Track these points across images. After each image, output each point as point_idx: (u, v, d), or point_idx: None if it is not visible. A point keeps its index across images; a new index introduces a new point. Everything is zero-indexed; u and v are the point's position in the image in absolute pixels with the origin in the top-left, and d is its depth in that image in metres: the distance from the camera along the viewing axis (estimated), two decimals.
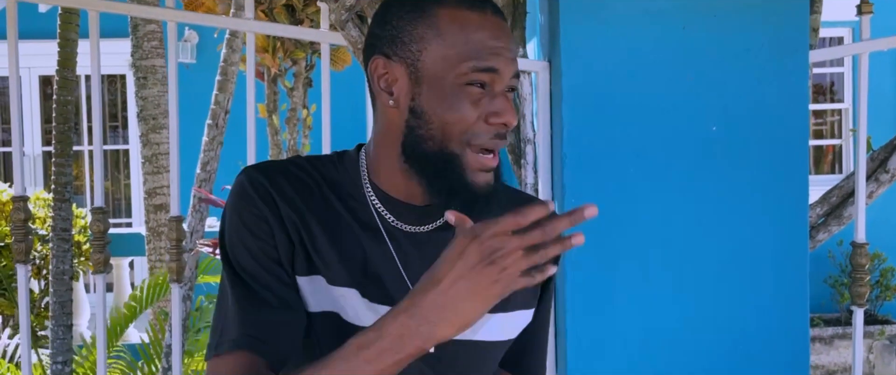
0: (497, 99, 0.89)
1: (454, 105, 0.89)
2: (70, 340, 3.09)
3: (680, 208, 1.58)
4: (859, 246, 1.72)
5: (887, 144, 1.78)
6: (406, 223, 0.96)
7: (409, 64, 0.91)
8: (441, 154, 0.90)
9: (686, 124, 1.58)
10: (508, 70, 0.90)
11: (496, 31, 0.90)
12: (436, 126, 0.90)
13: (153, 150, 4.52)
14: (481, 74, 0.88)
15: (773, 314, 1.60)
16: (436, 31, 0.89)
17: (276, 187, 0.93)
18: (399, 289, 0.93)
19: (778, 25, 1.56)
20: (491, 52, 0.89)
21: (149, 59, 4.51)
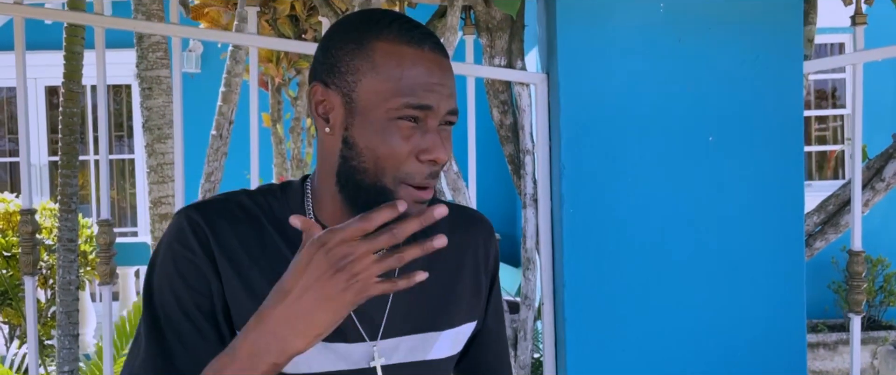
0: (429, 134, 0.88)
1: (385, 139, 0.88)
2: (76, 350, 3.11)
3: (677, 216, 1.60)
4: (856, 254, 1.74)
5: (883, 153, 1.79)
6: None
7: (345, 93, 0.90)
8: (374, 187, 0.89)
9: (682, 134, 1.60)
10: (443, 106, 0.89)
11: (432, 67, 0.89)
12: (368, 158, 0.89)
13: (158, 160, 4.54)
14: (414, 110, 0.87)
15: (771, 320, 1.62)
16: (371, 64, 0.88)
17: (215, 233, 0.92)
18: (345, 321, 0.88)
19: (772, 37, 1.59)
20: (424, 88, 0.88)
21: (154, 70, 4.54)
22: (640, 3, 1.58)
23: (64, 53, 3.04)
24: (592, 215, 1.60)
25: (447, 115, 0.90)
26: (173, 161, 4.73)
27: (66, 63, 3.05)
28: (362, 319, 0.96)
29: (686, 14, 1.58)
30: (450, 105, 0.90)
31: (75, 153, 3.05)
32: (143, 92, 4.60)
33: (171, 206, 4.58)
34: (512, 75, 1.69)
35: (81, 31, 3.08)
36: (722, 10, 1.59)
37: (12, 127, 7.13)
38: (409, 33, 0.90)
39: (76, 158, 3.06)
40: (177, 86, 1.66)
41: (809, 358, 5.47)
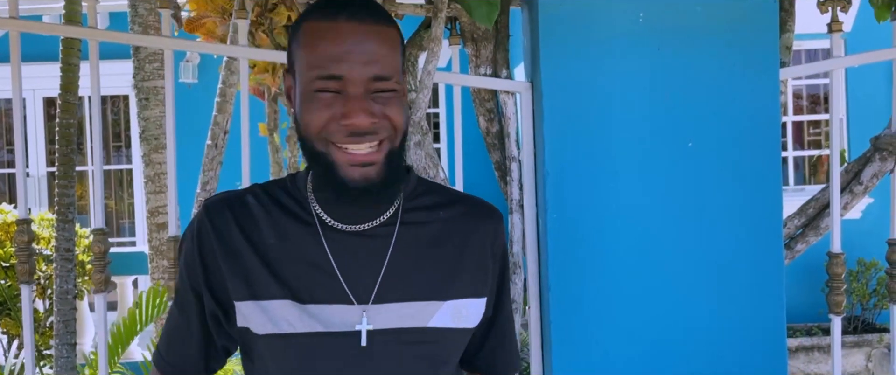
0: (349, 101, 0.94)
1: (309, 109, 0.96)
2: (74, 358, 3.14)
3: (658, 221, 1.64)
4: (835, 256, 1.78)
5: (860, 157, 1.83)
6: (346, 223, 1.03)
7: (294, 76, 1.01)
8: (313, 153, 0.99)
9: (662, 140, 1.64)
10: (357, 73, 0.94)
11: (344, 37, 0.94)
12: (304, 129, 0.98)
13: (155, 170, 4.59)
14: (325, 81, 0.94)
15: (751, 323, 1.65)
16: (298, 43, 0.99)
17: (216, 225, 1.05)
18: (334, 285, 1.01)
19: (749, 45, 1.62)
20: (334, 59, 0.94)
21: (151, 81, 4.59)
22: (620, 14, 1.62)
23: (60, 65, 3.09)
24: (576, 220, 1.64)
25: (372, 82, 0.95)
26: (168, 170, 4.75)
27: (62, 75, 3.09)
28: (352, 283, 1.02)
29: (665, 23, 1.62)
30: (369, 71, 0.95)
31: (72, 163, 3.09)
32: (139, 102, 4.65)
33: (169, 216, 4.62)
34: (497, 84, 1.73)
35: (78, 44, 3.12)
36: (700, 20, 1.63)
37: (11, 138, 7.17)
38: (326, 9, 0.97)
39: (73, 169, 3.10)
40: (169, 98, 1.70)
41: (804, 361, 5.49)
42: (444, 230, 1.08)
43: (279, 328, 1.01)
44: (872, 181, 1.77)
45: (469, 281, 1.08)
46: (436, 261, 1.07)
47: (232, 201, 1.07)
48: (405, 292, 1.03)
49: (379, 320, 1.02)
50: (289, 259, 1.03)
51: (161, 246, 4.61)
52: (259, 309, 1.02)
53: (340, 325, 1.01)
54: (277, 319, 1.01)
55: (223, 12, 4.67)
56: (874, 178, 1.77)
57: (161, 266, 4.63)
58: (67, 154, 3.06)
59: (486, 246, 1.11)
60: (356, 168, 0.96)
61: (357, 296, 1.02)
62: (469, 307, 1.08)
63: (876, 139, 1.79)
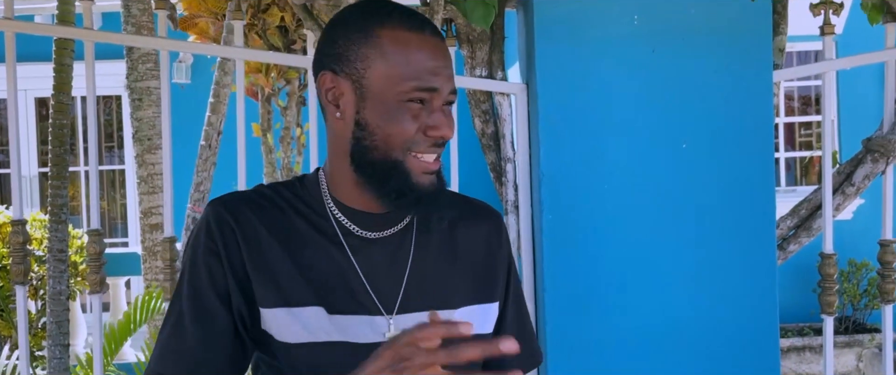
0: (435, 113, 0.96)
1: (396, 119, 0.96)
2: (67, 360, 3.13)
3: (652, 221, 1.65)
4: (827, 257, 1.79)
5: (852, 158, 1.85)
6: (366, 230, 1.02)
7: (354, 80, 0.97)
8: (386, 161, 0.97)
9: (657, 141, 1.65)
10: (446, 87, 0.97)
11: (435, 52, 0.97)
12: (379, 137, 0.97)
13: (149, 170, 4.57)
14: (422, 93, 0.95)
15: (744, 322, 1.67)
16: (379, 51, 0.96)
17: (241, 223, 0.99)
18: (361, 294, 1.00)
19: (742, 47, 1.64)
20: (431, 72, 0.96)
21: (144, 81, 4.57)
22: (614, 16, 1.63)
23: (54, 65, 3.08)
24: (571, 221, 1.65)
25: (449, 95, 0.99)
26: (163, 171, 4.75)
27: (55, 75, 3.08)
28: (379, 292, 1.02)
29: (659, 25, 1.64)
30: (451, 85, 0.99)
31: (65, 164, 3.08)
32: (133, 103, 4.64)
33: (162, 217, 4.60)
34: (492, 86, 1.74)
35: (71, 44, 3.11)
36: (694, 22, 1.64)
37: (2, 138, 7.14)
38: (409, 20, 0.98)
39: (66, 169, 3.09)
40: (165, 99, 1.70)
41: (796, 362, 5.52)
42: (453, 234, 1.09)
43: (315, 336, 0.98)
44: (864, 182, 1.79)
45: (478, 286, 1.09)
46: (448, 268, 1.07)
47: (249, 200, 1.03)
48: (425, 301, 1.03)
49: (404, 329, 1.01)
50: (315, 265, 1.00)
51: (154, 246, 4.59)
52: (291, 317, 0.98)
53: (370, 336, 1.00)
54: (312, 327, 0.98)
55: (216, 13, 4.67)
56: (866, 180, 1.79)
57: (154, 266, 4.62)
58: (61, 154, 3.04)
59: (492, 249, 1.12)
60: (427, 176, 0.98)
61: (384, 306, 1.02)
62: (481, 312, 1.08)
63: (868, 141, 1.81)
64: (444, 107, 0.98)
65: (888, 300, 1.81)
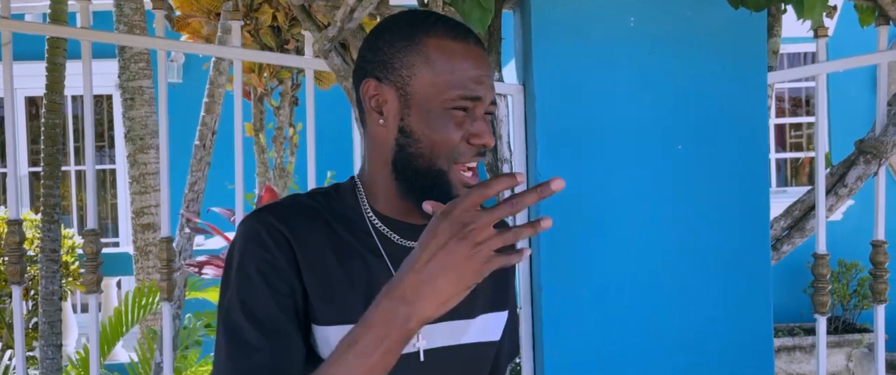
0: (477, 122, 0.97)
1: (441, 126, 0.96)
2: (59, 360, 3.12)
3: (648, 222, 1.66)
4: (820, 257, 1.81)
5: (845, 160, 1.86)
6: (406, 239, 1.02)
7: (399, 87, 0.98)
8: (430, 170, 0.97)
9: (653, 143, 1.66)
10: (488, 96, 0.99)
11: (479, 61, 0.98)
12: (424, 144, 0.97)
13: (140, 170, 4.56)
14: (466, 101, 0.96)
15: (739, 322, 1.68)
16: (424, 58, 0.97)
17: (292, 230, 0.96)
18: None
19: (738, 49, 1.65)
20: (475, 81, 0.97)
21: (136, 80, 4.56)
22: (611, 17, 1.64)
23: (46, 65, 3.07)
24: (567, 221, 1.65)
25: (490, 105, 1.00)
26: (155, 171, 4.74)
27: (48, 74, 3.07)
28: None
29: (656, 27, 1.65)
30: (492, 95, 1.01)
31: (58, 164, 3.07)
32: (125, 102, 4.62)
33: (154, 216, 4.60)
34: None
35: (63, 43, 3.10)
36: (690, 24, 1.65)
37: None
38: (454, 30, 0.99)
39: (59, 169, 3.08)
40: (162, 99, 1.70)
41: (786, 361, 5.56)
42: None
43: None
44: (857, 183, 1.81)
45: (495, 295, 1.10)
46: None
47: (297, 208, 1.00)
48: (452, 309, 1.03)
49: (430, 339, 1.02)
50: (363, 280, 0.98)
51: (146, 246, 4.58)
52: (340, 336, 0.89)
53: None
54: None
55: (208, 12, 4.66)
56: (859, 181, 1.80)
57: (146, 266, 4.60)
58: (53, 154, 3.04)
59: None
60: (465, 188, 0.98)
61: None
62: (494, 320, 1.10)
63: (860, 142, 1.82)
64: (486, 115, 0.99)
65: (880, 300, 1.83)
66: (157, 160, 4.65)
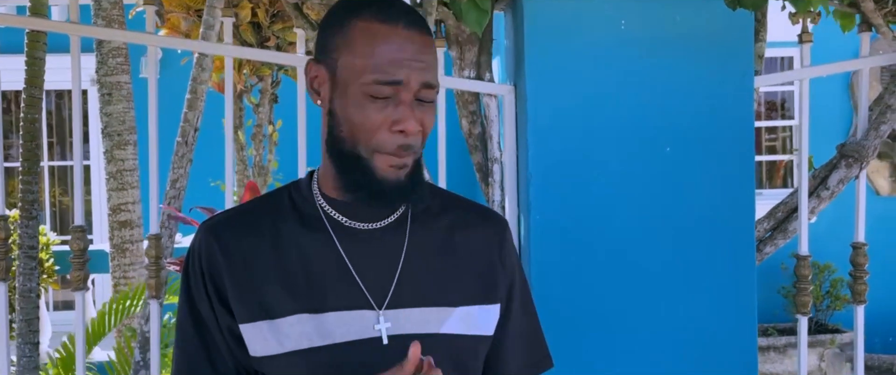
0: (400, 107, 0.95)
1: (359, 110, 0.95)
2: (36, 358, 3.08)
3: (636, 222, 1.69)
4: (802, 259, 1.84)
5: (827, 163, 1.90)
6: (356, 221, 1.03)
7: (329, 69, 0.98)
8: (352, 154, 0.98)
9: (642, 145, 1.68)
10: (415, 80, 0.95)
11: (405, 44, 0.95)
12: (346, 128, 0.97)
13: (118, 166, 4.51)
14: (383, 87, 0.94)
15: (724, 321, 1.71)
16: (348, 41, 0.97)
17: (223, 245, 1.02)
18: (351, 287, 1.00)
19: (725, 56, 1.68)
20: (395, 64, 0.94)
21: (114, 75, 4.51)
22: (603, 20, 1.66)
23: (26, 59, 3.02)
24: (557, 220, 1.67)
25: (421, 90, 0.96)
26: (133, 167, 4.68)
27: (27, 68, 3.02)
28: (370, 285, 1.01)
29: (646, 31, 1.67)
30: (422, 78, 0.96)
31: (36, 159, 3.02)
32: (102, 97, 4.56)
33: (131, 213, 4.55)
34: (481, 87, 1.76)
35: (43, 37, 3.06)
36: (679, 28, 1.68)
37: None
38: (384, 12, 0.97)
39: (37, 165, 3.03)
40: (152, 95, 1.69)
41: (760, 361, 5.64)
42: (451, 235, 1.08)
43: (297, 345, 0.99)
44: (838, 186, 1.84)
45: (478, 287, 1.08)
46: (445, 267, 1.06)
47: (234, 217, 1.05)
48: (418, 297, 1.03)
49: (396, 325, 1.01)
50: (302, 269, 1.01)
51: (123, 244, 4.53)
52: (272, 330, 0.99)
53: (357, 333, 1.00)
54: (293, 336, 0.99)
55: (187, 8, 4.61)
56: (840, 184, 1.84)
57: (122, 264, 4.55)
58: (32, 149, 2.99)
59: (494, 253, 1.11)
60: (393, 169, 0.97)
61: (375, 300, 1.01)
62: (480, 314, 1.07)
63: (842, 146, 1.86)
64: (416, 101, 0.96)
65: (859, 301, 1.87)
66: (135, 156, 4.60)
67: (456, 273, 1.07)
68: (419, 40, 0.97)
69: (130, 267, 4.63)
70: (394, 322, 1.01)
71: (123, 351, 3.27)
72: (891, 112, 1.80)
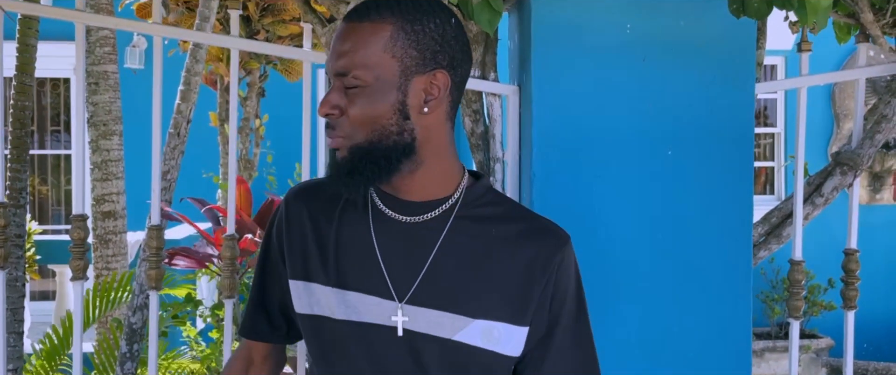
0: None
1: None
2: (21, 348, 3.05)
3: (637, 225, 1.71)
4: (796, 264, 1.87)
5: (822, 170, 1.94)
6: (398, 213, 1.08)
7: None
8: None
9: (644, 148, 1.70)
10: (330, 69, 1.03)
11: (340, 35, 1.03)
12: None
13: (103, 157, 4.46)
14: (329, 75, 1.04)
15: (720, 323, 1.73)
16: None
17: (298, 205, 1.14)
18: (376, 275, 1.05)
19: (728, 62, 1.70)
20: (330, 54, 1.04)
21: (101, 65, 4.46)
22: (609, 24, 1.67)
23: (17, 46, 2.99)
24: (559, 221, 1.68)
25: (336, 76, 1.03)
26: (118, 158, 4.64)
27: (19, 55, 2.99)
28: (394, 276, 1.05)
29: (650, 35, 1.69)
30: (333, 66, 1.03)
31: (26, 147, 2.99)
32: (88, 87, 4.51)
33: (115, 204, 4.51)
34: (486, 86, 1.77)
35: (35, 24, 3.03)
36: (683, 33, 1.70)
37: None
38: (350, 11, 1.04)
39: (27, 152, 3.00)
40: (157, 86, 1.68)
41: None
42: (492, 246, 1.06)
43: (320, 309, 1.08)
44: (833, 194, 1.88)
45: (505, 304, 1.05)
46: (475, 276, 1.05)
47: (310, 188, 1.16)
48: (437, 299, 1.04)
49: (413, 320, 1.03)
50: (342, 246, 1.08)
51: (106, 234, 4.49)
52: (306, 290, 1.09)
53: (377, 317, 1.03)
54: (321, 303, 1.07)
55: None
56: (834, 191, 1.88)
57: (105, 255, 4.50)
58: (21, 137, 2.96)
59: (535, 273, 1.07)
60: (331, 149, 1.05)
61: (397, 290, 1.04)
62: (502, 331, 1.05)
63: (837, 155, 1.90)
64: (345, 89, 1.02)
65: (850, 306, 1.91)
66: (121, 147, 4.56)
67: (486, 284, 1.05)
68: (345, 30, 1.03)
69: (113, 259, 4.59)
70: (412, 317, 1.03)
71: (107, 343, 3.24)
72: (886, 122, 1.83)
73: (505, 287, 1.06)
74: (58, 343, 3.21)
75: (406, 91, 1.01)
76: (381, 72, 1.00)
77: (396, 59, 1.01)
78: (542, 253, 1.09)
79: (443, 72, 1.04)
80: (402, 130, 1.02)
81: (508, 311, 1.06)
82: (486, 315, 1.05)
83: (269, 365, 1.24)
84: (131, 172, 4.72)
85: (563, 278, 1.10)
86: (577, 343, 1.12)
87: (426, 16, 1.03)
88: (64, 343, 3.15)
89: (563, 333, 1.10)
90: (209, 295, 4.85)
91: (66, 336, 3.11)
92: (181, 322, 3.25)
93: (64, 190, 7.24)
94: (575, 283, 1.13)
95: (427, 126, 1.04)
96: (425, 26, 1.02)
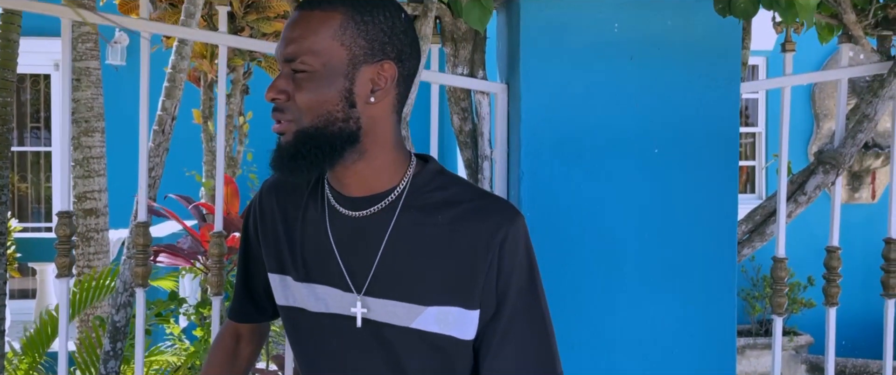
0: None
1: None
2: (2, 346, 3.01)
3: (624, 222, 1.72)
4: (779, 261, 1.90)
5: (805, 169, 1.96)
6: (343, 207, 1.10)
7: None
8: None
9: (631, 146, 1.72)
10: (278, 54, 1.05)
11: (290, 24, 1.04)
12: None
13: (85, 154, 4.42)
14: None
15: (705, 321, 1.76)
16: None
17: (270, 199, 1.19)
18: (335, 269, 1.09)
19: (714, 61, 1.72)
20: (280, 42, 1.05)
21: (83, 61, 4.42)
22: (596, 22, 1.69)
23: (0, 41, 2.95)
24: (547, 218, 1.70)
25: (284, 63, 1.05)
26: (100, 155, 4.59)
27: (1, 50, 2.96)
28: (351, 271, 1.09)
29: (637, 34, 1.70)
30: (281, 52, 1.05)
31: (7, 144, 2.95)
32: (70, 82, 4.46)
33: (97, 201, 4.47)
34: (474, 84, 1.77)
35: (18, 19, 2.99)
36: (670, 33, 1.71)
37: None
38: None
39: (8, 150, 2.97)
40: (144, 82, 1.67)
41: None
42: (439, 231, 1.06)
43: (295, 302, 1.14)
44: (815, 192, 1.90)
45: (455, 288, 1.05)
46: (425, 263, 1.06)
47: (281, 183, 1.19)
48: (391, 290, 1.06)
49: (372, 310, 1.08)
50: (306, 242, 1.13)
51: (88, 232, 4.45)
52: (282, 283, 1.15)
53: (338, 308, 1.09)
54: (291, 294, 1.14)
55: None
56: (817, 190, 1.90)
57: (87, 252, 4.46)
58: (3, 133, 2.92)
59: (478, 253, 1.05)
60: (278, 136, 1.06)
61: (355, 283, 1.08)
62: (456, 316, 1.05)
63: (820, 153, 1.92)
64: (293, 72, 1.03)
65: (832, 303, 1.93)
66: (103, 143, 4.52)
67: (436, 271, 1.05)
68: (296, 18, 1.05)
69: (95, 256, 4.55)
70: (371, 308, 1.07)
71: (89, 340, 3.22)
72: (867, 121, 1.86)
73: (453, 271, 1.06)
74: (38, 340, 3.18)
75: (353, 79, 1.03)
76: (329, 59, 1.02)
77: (345, 48, 1.02)
78: (484, 232, 1.06)
79: (390, 64, 1.05)
80: (347, 118, 1.03)
81: (459, 295, 1.06)
82: (438, 302, 1.05)
83: (256, 337, 1.33)
84: (113, 169, 4.68)
85: (508, 256, 1.06)
86: (529, 321, 1.09)
87: (376, 8, 1.05)
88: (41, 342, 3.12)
89: (512, 312, 1.07)
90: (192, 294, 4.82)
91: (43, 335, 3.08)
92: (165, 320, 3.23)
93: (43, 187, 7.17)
94: (524, 260, 1.09)
95: (372, 116, 1.05)
96: (375, 18, 1.04)
